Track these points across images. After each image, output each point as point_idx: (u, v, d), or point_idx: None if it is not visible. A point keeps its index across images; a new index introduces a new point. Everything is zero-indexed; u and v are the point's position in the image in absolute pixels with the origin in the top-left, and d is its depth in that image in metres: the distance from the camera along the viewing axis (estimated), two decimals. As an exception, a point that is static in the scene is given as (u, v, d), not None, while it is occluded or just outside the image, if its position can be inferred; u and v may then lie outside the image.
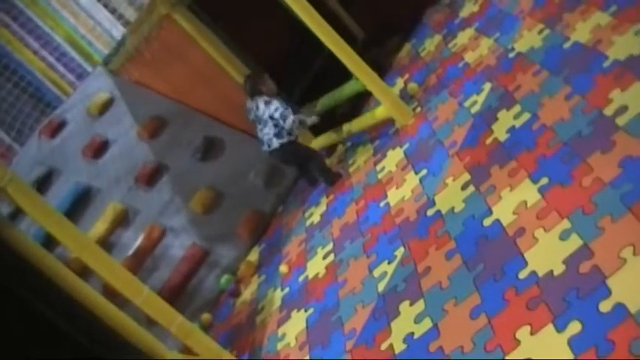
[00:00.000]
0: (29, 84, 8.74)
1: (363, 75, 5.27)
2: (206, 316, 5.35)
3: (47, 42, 8.95)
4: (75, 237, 3.99)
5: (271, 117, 5.29)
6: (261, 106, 5.35)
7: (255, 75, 5.55)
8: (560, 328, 2.52)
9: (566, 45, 4.11)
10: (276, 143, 5.35)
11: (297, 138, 5.52)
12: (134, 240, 6.00)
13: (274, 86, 5.46)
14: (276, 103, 5.33)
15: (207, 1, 6.10)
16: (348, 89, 5.69)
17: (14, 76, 8.47)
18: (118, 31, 8.43)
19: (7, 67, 8.45)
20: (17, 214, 5.73)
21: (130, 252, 5.90)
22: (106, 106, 7.02)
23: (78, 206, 6.31)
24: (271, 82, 5.45)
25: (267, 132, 5.37)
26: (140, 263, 5.81)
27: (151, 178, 6.39)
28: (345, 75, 5.49)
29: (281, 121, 5.25)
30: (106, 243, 5.93)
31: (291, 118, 5.26)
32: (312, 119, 5.44)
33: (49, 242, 4.82)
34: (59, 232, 3.92)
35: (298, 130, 5.43)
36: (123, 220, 6.17)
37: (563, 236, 2.89)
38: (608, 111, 3.29)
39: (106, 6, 8.66)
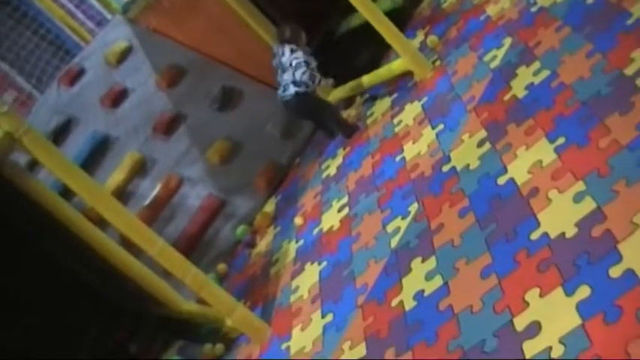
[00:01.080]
0: (48, 31, 8.73)
1: (382, 27, 5.19)
2: (222, 267, 5.39)
3: (66, -12, 8.92)
4: (90, 189, 4.02)
5: (291, 64, 5.34)
6: (287, 52, 5.42)
7: (292, 24, 5.56)
8: (569, 292, 2.51)
9: (590, 0, 4.01)
10: (292, 89, 5.36)
11: (314, 91, 5.48)
12: (151, 189, 6.03)
13: (304, 40, 5.53)
14: (299, 54, 5.38)
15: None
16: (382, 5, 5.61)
17: (33, 23, 8.46)
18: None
19: (26, 14, 8.43)
20: (35, 163, 5.77)
21: (147, 201, 5.94)
22: (125, 54, 7.00)
23: (96, 155, 6.35)
24: (303, 36, 5.52)
25: (286, 77, 5.41)
26: (157, 213, 5.85)
27: (168, 127, 6.39)
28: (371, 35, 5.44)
29: (293, 69, 5.29)
30: (124, 192, 5.98)
31: (302, 69, 5.29)
32: (325, 81, 5.45)
33: (67, 191, 4.86)
34: (75, 184, 3.95)
35: (309, 83, 5.37)
36: (140, 169, 6.20)
37: (577, 198, 2.86)
38: (629, 71, 3.22)
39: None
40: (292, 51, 5.41)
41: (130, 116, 6.58)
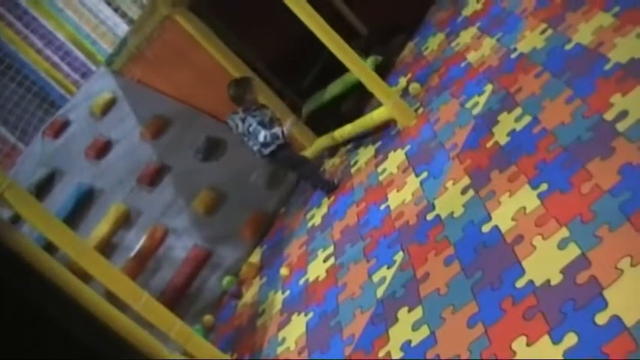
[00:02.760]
0: (33, 83, 8.75)
1: (364, 75, 5.23)
2: (208, 318, 5.34)
3: (51, 41, 8.96)
4: (73, 243, 3.99)
5: (250, 132, 5.29)
6: (239, 124, 5.33)
7: (243, 81, 5.48)
8: (556, 340, 2.49)
9: (569, 46, 4.07)
10: (266, 152, 5.32)
11: (287, 143, 5.41)
12: (137, 241, 6.00)
13: (256, 94, 5.43)
14: (250, 120, 5.29)
15: (209, 1, 6.09)
16: (351, 78, 5.65)
17: (18, 75, 8.48)
18: (122, 29, 8.42)
19: (10, 66, 8.45)
20: (19, 217, 5.74)
21: (133, 253, 5.90)
22: (109, 106, 7.03)
23: (81, 207, 6.33)
24: (255, 89, 5.44)
25: (252, 144, 5.35)
26: (143, 264, 5.81)
27: (153, 178, 6.40)
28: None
29: (255, 136, 5.25)
30: (109, 244, 5.95)
31: (262, 133, 5.23)
32: (286, 128, 5.37)
33: (52, 244, 4.83)
34: (57, 238, 3.92)
35: (275, 141, 5.30)
36: (125, 221, 6.18)
37: (562, 245, 2.86)
38: (609, 116, 3.25)
39: (109, 4, 8.66)
40: (242, 120, 5.30)
41: (114, 168, 6.58)
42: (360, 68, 5.18)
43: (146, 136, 6.67)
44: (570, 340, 2.44)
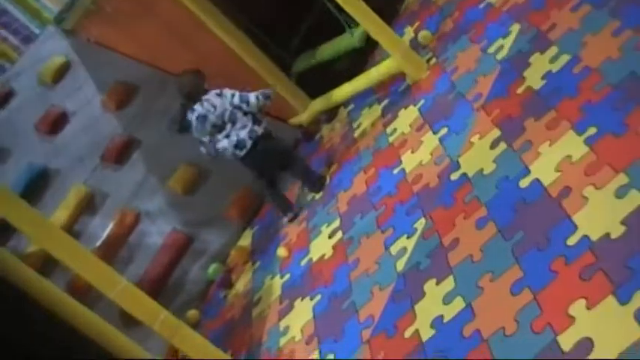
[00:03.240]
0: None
1: (368, 22, 5.20)
2: (193, 313, 5.35)
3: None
4: (35, 222, 3.92)
5: (235, 106, 5.12)
6: (217, 100, 5.14)
7: (193, 73, 5.32)
8: (623, 300, 2.46)
9: (611, -28, 4.05)
10: (259, 130, 5.12)
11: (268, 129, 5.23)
12: (103, 228, 5.98)
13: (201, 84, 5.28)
14: (228, 91, 5.16)
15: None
16: (342, 43, 5.66)
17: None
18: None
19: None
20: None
21: (99, 242, 5.89)
22: (62, 72, 6.99)
23: (33, 191, 6.29)
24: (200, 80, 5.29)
25: (241, 125, 5.11)
26: (112, 255, 5.79)
27: (119, 155, 6.38)
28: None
29: (244, 105, 5.10)
30: (71, 232, 5.88)
31: (252, 95, 5.10)
32: (270, 90, 5.28)
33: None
34: (15, 217, 3.84)
35: (267, 102, 5.17)
36: (88, 205, 6.16)
37: (620, 193, 2.84)
38: (667, 45, 3.24)
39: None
40: (219, 95, 5.13)
41: (72, 144, 6.54)
42: (364, 12, 5.13)
43: (109, 105, 6.64)
44: (641, 298, 2.42)
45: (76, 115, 6.72)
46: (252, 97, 5.12)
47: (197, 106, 5.14)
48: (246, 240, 5.69)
